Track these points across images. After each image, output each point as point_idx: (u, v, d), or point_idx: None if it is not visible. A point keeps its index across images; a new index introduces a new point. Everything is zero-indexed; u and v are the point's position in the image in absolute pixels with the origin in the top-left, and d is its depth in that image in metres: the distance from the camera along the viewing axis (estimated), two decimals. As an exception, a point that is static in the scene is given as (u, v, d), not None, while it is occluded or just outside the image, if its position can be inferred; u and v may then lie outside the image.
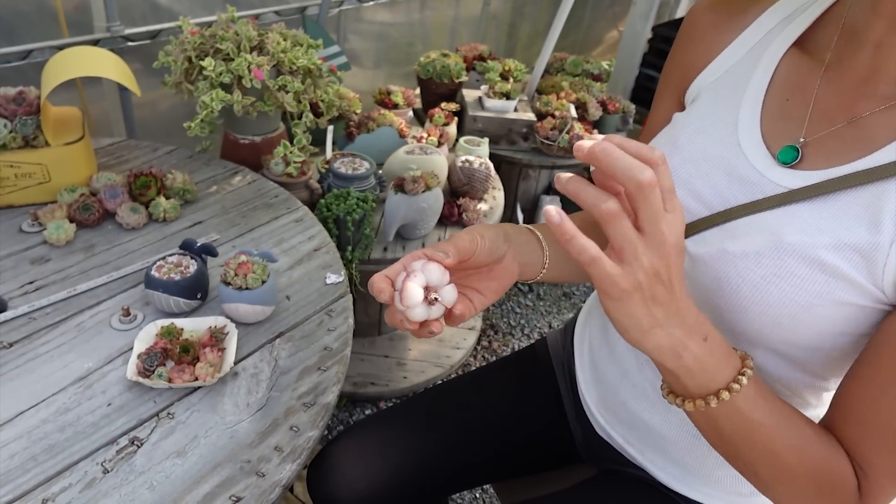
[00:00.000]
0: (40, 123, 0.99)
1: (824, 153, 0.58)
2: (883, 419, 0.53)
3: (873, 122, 0.57)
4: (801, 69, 0.63)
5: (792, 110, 0.62)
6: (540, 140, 1.92)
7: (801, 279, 0.54)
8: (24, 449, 0.66)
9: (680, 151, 0.66)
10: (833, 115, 0.59)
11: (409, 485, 0.83)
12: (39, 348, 0.78)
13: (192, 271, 0.85)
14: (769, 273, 0.56)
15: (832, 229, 0.54)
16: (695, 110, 0.68)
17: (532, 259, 0.65)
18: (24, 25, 1.43)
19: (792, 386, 0.64)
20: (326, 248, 1.04)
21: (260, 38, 1.22)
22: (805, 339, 0.57)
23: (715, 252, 0.60)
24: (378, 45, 2.38)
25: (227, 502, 0.64)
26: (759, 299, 0.56)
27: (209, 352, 0.77)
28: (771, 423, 0.54)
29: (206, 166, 1.23)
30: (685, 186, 0.65)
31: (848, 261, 0.53)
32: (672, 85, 0.74)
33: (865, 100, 0.58)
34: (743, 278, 0.57)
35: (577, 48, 3.27)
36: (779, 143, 0.61)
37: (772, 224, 0.57)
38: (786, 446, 0.54)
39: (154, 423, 0.71)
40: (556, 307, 2.27)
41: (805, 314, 0.55)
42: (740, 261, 0.58)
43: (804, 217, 0.56)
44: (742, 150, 0.62)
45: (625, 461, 0.79)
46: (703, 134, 0.65)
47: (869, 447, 0.55)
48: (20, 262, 0.92)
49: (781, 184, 0.59)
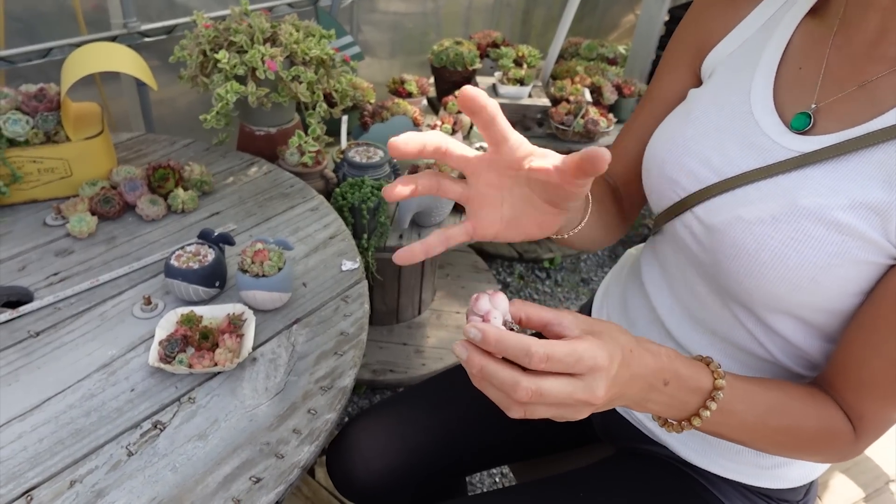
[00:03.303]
0: (61, 119, 1.02)
1: (835, 117, 0.59)
2: (874, 371, 0.57)
3: (883, 85, 0.57)
4: (814, 37, 0.63)
5: (804, 78, 0.62)
6: (555, 125, 1.91)
7: (819, 241, 0.55)
8: (51, 433, 0.68)
9: (693, 124, 0.66)
10: (843, 80, 0.60)
11: (426, 464, 0.84)
12: (65, 337, 0.80)
13: (210, 260, 0.86)
14: (786, 237, 0.56)
15: (847, 190, 0.55)
16: (710, 84, 0.69)
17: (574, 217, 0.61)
18: (44, 25, 1.46)
19: (810, 354, 0.64)
20: (342, 235, 1.05)
21: (273, 29, 1.23)
22: (824, 302, 0.58)
23: (730, 219, 0.60)
24: (392, 35, 2.39)
25: (247, 483, 0.65)
26: (779, 264, 0.57)
27: (228, 338, 0.78)
28: (764, 411, 0.57)
29: (222, 158, 1.24)
30: (697, 157, 0.65)
31: (864, 219, 0.54)
32: (684, 58, 0.74)
33: (875, 63, 0.58)
34: (761, 244, 0.58)
35: (593, 33, 3.23)
36: (792, 110, 0.61)
37: (786, 188, 0.58)
38: (786, 424, 0.58)
39: (176, 407, 0.73)
40: (574, 293, 2.26)
41: (824, 275, 0.56)
42: (756, 227, 0.58)
43: (818, 179, 0.57)
44: (755, 118, 0.63)
45: (644, 438, 0.79)
46: (716, 105, 0.66)
47: (861, 397, 0.58)
48: (45, 254, 0.94)
49: (794, 149, 0.59)
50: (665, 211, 0.70)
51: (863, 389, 0.58)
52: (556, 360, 0.43)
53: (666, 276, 0.74)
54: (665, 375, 0.51)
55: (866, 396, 0.58)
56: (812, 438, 0.59)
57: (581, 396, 0.45)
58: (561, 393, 0.44)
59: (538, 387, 0.43)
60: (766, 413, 0.57)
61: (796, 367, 0.66)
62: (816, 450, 0.61)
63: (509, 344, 0.43)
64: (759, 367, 0.67)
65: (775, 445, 0.60)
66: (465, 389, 0.89)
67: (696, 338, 0.71)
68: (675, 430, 0.57)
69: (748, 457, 0.71)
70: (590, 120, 1.88)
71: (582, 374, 0.45)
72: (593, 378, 0.45)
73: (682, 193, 0.66)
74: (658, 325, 0.74)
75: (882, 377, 0.56)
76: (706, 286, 0.67)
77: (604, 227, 0.75)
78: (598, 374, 0.45)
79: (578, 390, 0.44)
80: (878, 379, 0.57)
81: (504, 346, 0.44)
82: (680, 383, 0.52)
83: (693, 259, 0.68)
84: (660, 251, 0.75)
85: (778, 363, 0.66)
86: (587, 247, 0.75)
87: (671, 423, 0.57)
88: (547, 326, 0.47)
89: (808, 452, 0.62)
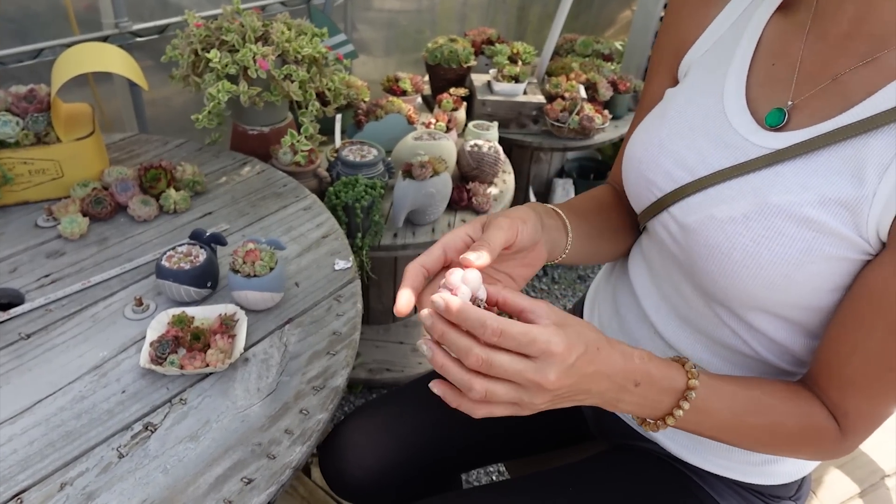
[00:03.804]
0: (51, 120, 1.01)
1: (809, 112, 0.59)
2: (857, 368, 0.56)
3: (853, 79, 0.57)
4: (786, 33, 0.63)
5: (778, 74, 0.62)
6: (550, 122, 1.91)
7: (790, 238, 0.55)
8: (42, 435, 0.68)
9: (668, 124, 0.67)
10: (817, 75, 0.60)
11: (419, 461, 0.84)
12: (56, 339, 0.80)
13: (201, 260, 0.86)
14: (758, 235, 0.56)
15: (816, 186, 0.55)
16: (685, 84, 0.69)
17: (557, 244, 0.66)
18: (36, 26, 1.45)
19: (795, 350, 0.64)
20: (335, 234, 1.04)
21: (265, 28, 1.23)
22: (799, 299, 0.58)
23: (703, 219, 0.61)
24: (387, 33, 2.38)
25: (238, 484, 0.65)
26: (751, 262, 0.57)
27: (220, 338, 0.78)
28: (742, 410, 0.58)
29: (215, 158, 1.24)
30: (671, 156, 0.65)
31: (834, 215, 0.54)
32: (665, 61, 0.74)
33: (847, 57, 0.58)
34: (733, 243, 0.58)
35: (589, 29, 3.23)
36: (766, 107, 0.61)
37: (757, 186, 0.58)
38: (765, 422, 0.58)
39: (167, 408, 0.72)
40: (570, 290, 2.26)
41: (797, 272, 0.56)
42: (728, 226, 0.58)
43: (788, 176, 0.57)
44: (727, 117, 0.63)
45: (637, 435, 0.79)
46: (691, 105, 0.66)
47: (845, 395, 0.58)
48: (36, 256, 0.94)
49: (766, 146, 0.59)
50: (644, 211, 0.70)
51: (846, 387, 0.58)
52: (509, 337, 0.46)
53: (652, 275, 0.74)
54: (635, 377, 0.53)
55: (849, 394, 0.58)
56: (794, 436, 0.59)
57: (531, 376, 0.46)
58: (510, 368, 0.46)
59: (488, 356, 0.46)
60: (745, 412, 0.58)
61: (782, 363, 0.66)
62: (800, 447, 0.61)
63: (468, 315, 0.46)
64: (745, 364, 0.67)
65: (757, 443, 0.61)
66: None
67: (682, 336, 0.71)
68: (651, 428, 0.58)
69: (739, 454, 0.71)
70: (585, 116, 1.88)
71: (535, 357, 0.47)
72: (545, 362, 0.47)
73: (658, 193, 0.67)
74: (646, 322, 0.74)
75: (864, 374, 0.56)
76: (689, 285, 0.68)
77: (603, 238, 0.76)
78: (551, 359, 0.46)
79: (529, 370, 0.46)
80: (860, 376, 0.57)
81: (463, 316, 0.46)
82: (651, 384, 0.54)
83: (673, 259, 0.68)
84: (646, 250, 0.75)
85: (763, 360, 0.66)
86: (596, 258, 0.76)
87: (648, 421, 0.58)
88: (522, 313, 0.49)
89: (792, 450, 0.62)
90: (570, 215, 0.69)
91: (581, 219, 0.71)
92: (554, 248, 0.66)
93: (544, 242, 0.62)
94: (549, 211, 0.67)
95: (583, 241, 0.71)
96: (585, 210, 0.75)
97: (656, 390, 0.54)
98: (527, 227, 0.57)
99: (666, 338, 0.72)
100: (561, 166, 2.51)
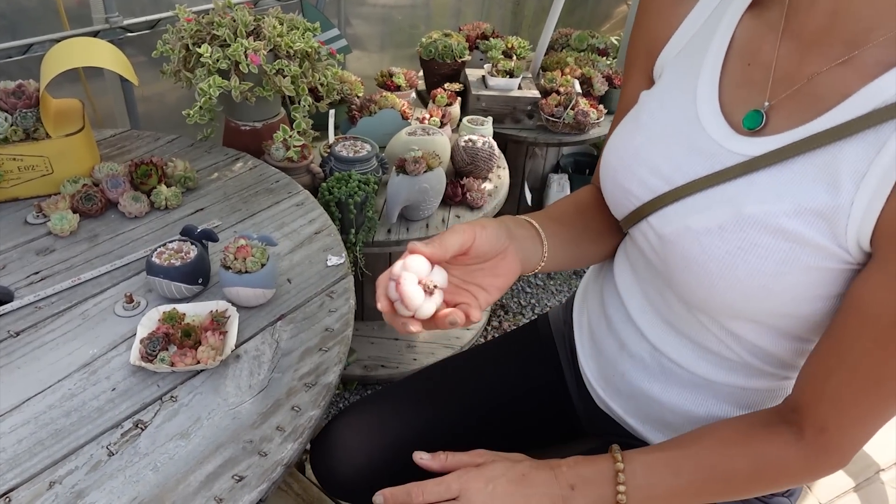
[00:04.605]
0: (40, 116, 1.00)
1: (785, 114, 0.57)
2: (843, 381, 0.55)
3: (828, 80, 0.54)
4: (760, 32, 0.60)
5: (753, 75, 0.60)
6: (545, 117, 1.90)
7: (766, 249, 0.54)
8: (31, 434, 0.67)
9: (642, 130, 0.65)
10: (793, 75, 0.57)
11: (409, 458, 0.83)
12: (45, 336, 0.79)
13: (192, 257, 0.85)
14: (733, 247, 0.55)
15: (791, 195, 0.53)
16: (658, 87, 0.67)
17: (532, 253, 0.66)
18: (26, 21, 1.44)
19: (779, 354, 0.63)
20: (328, 230, 1.04)
21: (256, 22, 1.22)
22: (780, 308, 0.57)
23: (679, 230, 0.59)
24: (381, 28, 2.37)
25: (229, 481, 0.65)
26: (727, 274, 0.56)
27: (211, 335, 0.77)
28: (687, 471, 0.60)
29: (207, 154, 1.23)
30: (646, 164, 0.64)
31: (810, 225, 0.52)
32: (638, 62, 0.72)
33: (820, 57, 0.55)
34: (708, 255, 0.56)
35: (585, 24, 3.22)
36: (742, 109, 0.59)
37: (732, 196, 0.56)
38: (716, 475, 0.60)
39: (157, 406, 0.72)
40: (566, 286, 2.26)
41: (775, 283, 0.54)
42: (704, 237, 0.57)
43: (763, 185, 0.55)
44: (700, 121, 0.60)
45: (626, 433, 0.78)
46: (663, 109, 0.64)
47: (829, 409, 0.57)
48: (26, 253, 0.93)
49: (741, 153, 0.57)
50: (624, 219, 0.69)
51: (830, 400, 0.56)
52: (431, 493, 0.60)
53: (637, 279, 0.73)
54: (569, 481, 0.60)
55: (833, 407, 0.56)
56: (754, 477, 0.59)
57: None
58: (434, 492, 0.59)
59: None
60: (691, 471, 0.60)
61: (766, 366, 0.65)
62: (767, 484, 0.61)
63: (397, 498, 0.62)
64: (731, 367, 0.67)
65: (721, 494, 0.61)
66: (448, 385, 0.89)
67: (668, 339, 0.70)
68: None
69: None
70: (580, 111, 1.88)
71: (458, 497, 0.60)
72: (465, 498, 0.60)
73: (635, 203, 0.65)
74: (632, 325, 0.73)
75: (846, 387, 0.55)
76: (671, 292, 0.67)
77: (585, 242, 0.75)
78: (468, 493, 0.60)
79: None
80: (847, 389, 0.55)
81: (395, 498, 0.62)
82: (587, 483, 0.60)
83: (653, 267, 0.67)
84: (630, 254, 0.74)
85: (747, 363, 0.65)
86: (581, 262, 0.76)
87: None
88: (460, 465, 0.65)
89: (762, 488, 0.63)
90: (547, 223, 0.68)
91: (560, 225, 0.70)
92: (529, 259, 0.65)
93: (516, 252, 0.62)
94: (521, 222, 0.66)
95: (564, 247, 0.70)
96: (564, 216, 0.74)
97: (594, 485, 0.60)
98: (486, 231, 0.57)
99: (651, 340, 0.71)
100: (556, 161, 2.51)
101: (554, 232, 0.68)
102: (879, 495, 1.07)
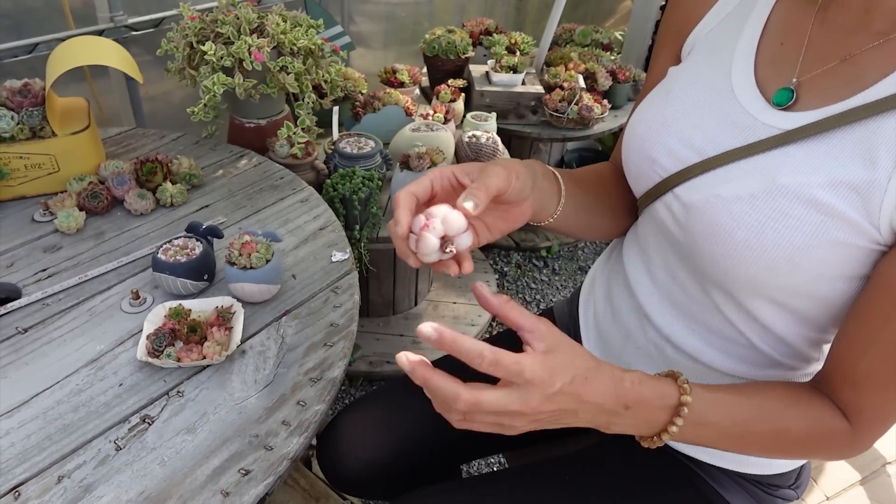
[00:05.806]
0: (46, 114, 1.01)
1: (818, 92, 0.58)
2: (873, 363, 0.55)
3: (866, 59, 0.56)
4: (795, 12, 0.62)
5: (786, 53, 0.61)
6: (549, 113, 1.90)
7: (797, 220, 0.54)
8: (39, 429, 0.68)
9: (673, 102, 0.66)
10: (827, 55, 0.58)
11: (417, 452, 0.84)
12: (53, 333, 0.80)
13: (197, 253, 0.86)
14: (764, 216, 0.55)
15: (827, 168, 0.54)
16: (689, 61, 0.68)
17: (546, 206, 0.65)
18: (32, 21, 1.45)
19: (790, 340, 0.63)
20: (332, 226, 1.04)
21: (260, 20, 1.22)
22: (801, 284, 0.57)
23: (708, 197, 0.59)
24: (385, 25, 2.37)
25: (236, 475, 0.65)
26: (755, 243, 0.56)
27: (216, 331, 0.78)
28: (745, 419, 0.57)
29: (212, 151, 1.24)
30: (677, 135, 0.64)
31: (843, 199, 0.52)
32: (669, 41, 0.73)
33: (859, 37, 0.56)
34: (737, 222, 0.57)
35: (589, 19, 3.21)
36: (774, 86, 0.60)
37: (766, 166, 0.57)
38: (771, 429, 0.58)
39: (164, 401, 0.72)
40: (571, 281, 2.26)
41: (801, 256, 0.54)
42: (734, 205, 0.57)
43: (798, 157, 0.55)
44: (735, 95, 0.61)
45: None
46: (696, 82, 0.65)
47: (860, 391, 0.56)
48: (33, 250, 0.94)
49: (776, 126, 0.58)
50: (646, 193, 0.69)
51: (862, 382, 0.56)
52: (503, 367, 0.47)
53: (646, 262, 0.73)
54: (626, 401, 0.53)
55: (864, 390, 0.56)
56: (802, 440, 0.58)
57: (515, 407, 0.48)
58: (497, 404, 0.48)
59: (476, 398, 0.47)
60: (748, 421, 0.57)
61: (776, 354, 0.65)
62: (810, 450, 0.61)
63: (462, 346, 0.47)
64: (740, 355, 0.67)
65: (764, 450, 0.60)
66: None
67: (676, 325, 0.70)
68: (647, 443, 0.58)
69: None
70: (584, 106, 1.87)
71: (519, 385, 0.48)
72: (528, 391, 0.48)
73: (662, 174, 0.65)
74: (639, 312, 0.73)
75: (879, 368, 0.55)
76: (685, 270, 0.67)
77: (597, 212, 0.75)
78: (533, 389, 0.48)
79: (513, 401, 0.48)
80: (876, 371, 0.55)
81: (458, 347, 0.47)
82: (643, 405, 0.54)
83: (672, 241, 0.67)
84: (641, 236, 0.75)
85: (758, 350, 0.65)
86: (587, 232, 0.75)
87: (644, 437, 0.58)
88: (520, 330, 0.50)
89: (803, 453, 0.62)
90: (569, 183, 0.68)
91: (579, 188, 0.70)
92: (542, 210, 0.65)
93: (532, 201, 0.61)
94: (548, 173, 0.66)
95: (576, 210, 0.70)
96: (585, 180, 0.74)
97: (649, 409, 0.55)
98: (518, 182, 0.57)
99: (658, 327, 0.71)
100: (560, 157, 2.51)
101: (573, 192, 0.68)
102: (886, 488, 1.07)
